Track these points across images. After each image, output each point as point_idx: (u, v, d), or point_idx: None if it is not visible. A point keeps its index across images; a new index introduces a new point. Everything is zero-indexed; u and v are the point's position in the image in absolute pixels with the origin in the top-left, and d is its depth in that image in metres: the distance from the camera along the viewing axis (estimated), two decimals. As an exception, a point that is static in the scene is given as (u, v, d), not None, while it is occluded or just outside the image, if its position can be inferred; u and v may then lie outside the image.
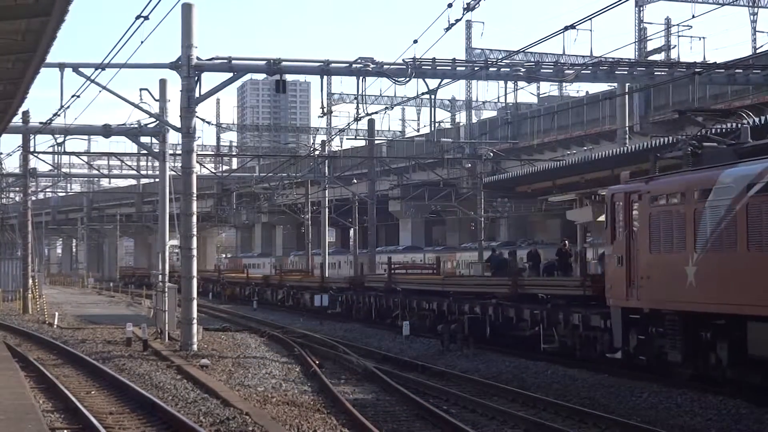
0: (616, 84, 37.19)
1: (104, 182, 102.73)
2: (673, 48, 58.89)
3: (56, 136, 37.33)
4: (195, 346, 25.95)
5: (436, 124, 41.90)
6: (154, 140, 37.65)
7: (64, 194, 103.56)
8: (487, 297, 27.64)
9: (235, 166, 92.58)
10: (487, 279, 32.25)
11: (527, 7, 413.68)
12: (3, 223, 79.38)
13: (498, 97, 75.68)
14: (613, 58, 29.72)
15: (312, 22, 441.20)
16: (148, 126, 34.83)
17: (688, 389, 17.72)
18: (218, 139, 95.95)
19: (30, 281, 46.02)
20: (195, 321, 26.52)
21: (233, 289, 60.38)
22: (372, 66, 26.43)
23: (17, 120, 33.03)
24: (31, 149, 41.70)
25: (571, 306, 22.93)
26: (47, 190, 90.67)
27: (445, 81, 27.17)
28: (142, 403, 16.90)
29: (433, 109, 30.67)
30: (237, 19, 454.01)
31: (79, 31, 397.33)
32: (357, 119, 32.59)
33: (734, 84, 33.86)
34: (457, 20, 21.47)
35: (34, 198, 68.83)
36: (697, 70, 28.46)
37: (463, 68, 28.02)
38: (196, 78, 25.92)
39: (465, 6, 20.71)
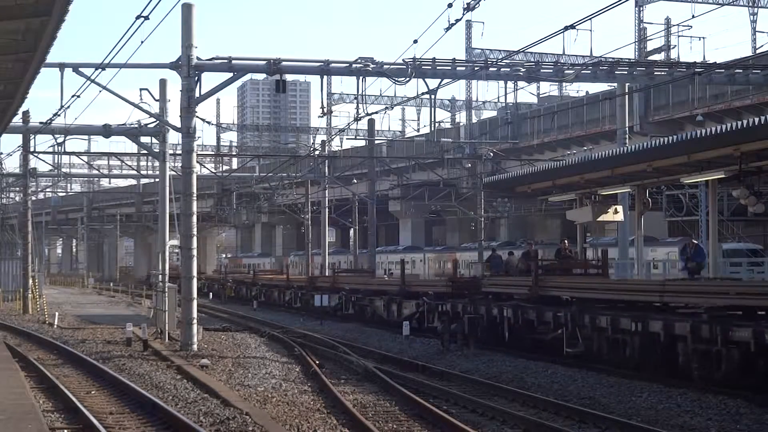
0: (616, 84, 37.16)
1: (104, 182, 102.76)
2: (673, 48, 58.87)
3: (56, 136, 37.36)
4: (195, 346, 25.97)
5: (436, 124, 41.89)
6: (154, 140, 37.65)
7: (64, 194, 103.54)
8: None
9: (235, 166, 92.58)
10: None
11: (527, 7, 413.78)
12: (3, 223, 79.42)
13: (498, 97, 75.75)
14: (613, 58, 29.71)
15: (312, 22, 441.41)
16: (148, 126, 34.86)
17: (688, 389, 17.74)
18: (218, 139, 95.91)
19: (30, 281, 46.01)
20: (195, 321, 26.54)
21: (271, 292, 53.26)
22: (372, 66, 26.43)
23: (17, 120, 33.05)
24: (31, 149, 41.70)
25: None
26: (47, 190, 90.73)
27: (445, 81, 27.17)
28: (142, 403, 16.91)
29: (433, 109, 30.66)
30: (237, 19, 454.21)
31: (79, 31, 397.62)
32: (357, 119, 32.57)
33: (734, 84, 33.88)
34: (457, 20, 21.50)
35: (34, 198, 68.81)
36: (697, 70, 28.47)
37: (463, 68, 28.03)
38: (196, 78, 25.94)
39: (465, 6, 20.73)
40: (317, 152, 60.84)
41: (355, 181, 64.64)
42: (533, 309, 24.72)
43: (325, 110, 33.70)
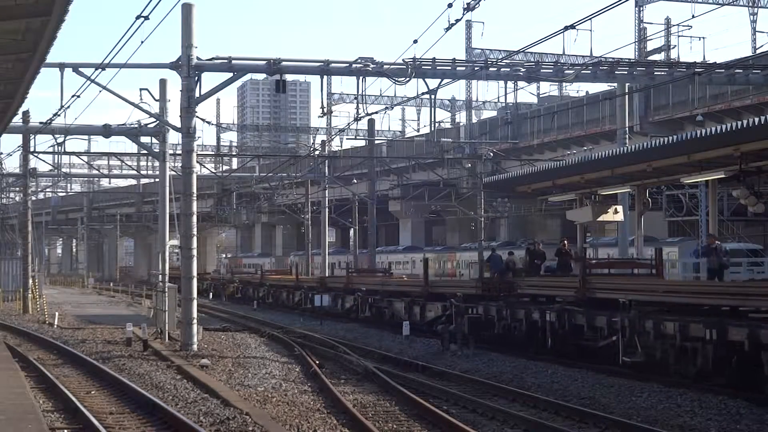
0: (616, 84, 37.16)
1: (104, 182, 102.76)
2: (673, 48, 58.84)
3: (56, 136, 37.35)
4: (195, 346, 25.96)
5: (436, 124, 41.89)
6: (154, 140, 37.67)
7: (64, 194, 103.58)
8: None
9: (235, 166, 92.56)
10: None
11: (527, 7, 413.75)
12: (3, 223, 79.44)
13: (498, 97, 75.73)
14: (613, 58, 29.70)
15: (312, 22, 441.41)
16: (148, 126, 34.86)
17: (688, 389, 17.74)
18: (218, 139, 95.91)
19: (30, 281, 46.02)
20: (195, 321, 26.53)
21: (279, 293, 51.66)
22: (372, 66, 26.43)
23: (17, 120, 33.05)
24: (31, 149, 41.71)
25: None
26: (47, 190, 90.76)
27: (445, 81, 27.17)
28: (142, 403, 16.90)
29: (433, 109, 30.65)
30: (237, 19, 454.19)
31: (79, 31, 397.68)
32: (357, 119, 32.59)
33: (734, 84, 33.87)
34: (457, 20, 21.51)
35: (34, 198, 68.78)
36: (697, 70, 28.47)
37: (463, 68, 28.02)
38: (196, 78, 25.93)
39: (465, 6, 20.73)
40: (317, 152, 60.88)
41: (355, 181, 64.63)
42: (582, 313, 22.52)
43: (325, 110, 33.70)
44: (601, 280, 24.13)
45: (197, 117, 26.69)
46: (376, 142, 66.25)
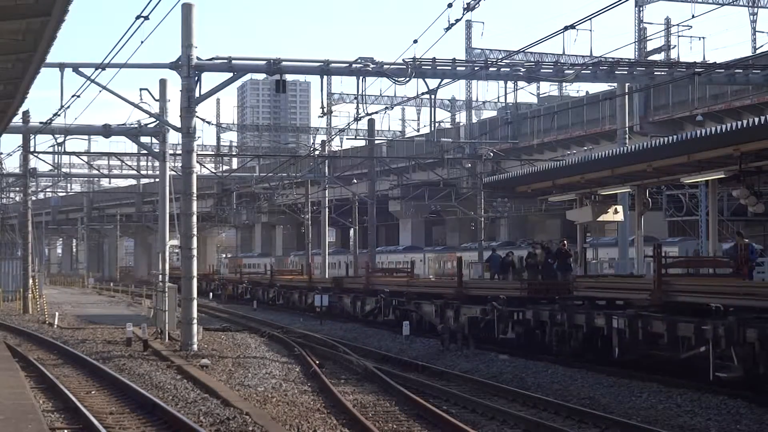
0: (616, 84, 37.16)
1: (104, 182, 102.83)
2: (673, 48, 58.86)
3: (56, 136, 37.36)
4: (195, 346, 25.97)
5: (436, 124, 41.83)
6: (154, 140, 37.68)
7: (64, 194, 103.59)
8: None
9: (235, 166, 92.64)
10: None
11: (527, 7, 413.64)
12: (3, 223, 79.39)
13: (498, 97, 75.73)
14: (613, 58, 29.72)
15: (312, 22, 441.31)
16: (148, 126, 34.86)
17: (687, 389, 17.73)
18: (218, 139, 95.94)
19: (30, 281, 46.03)
20: (195, 321, 26.53)
21: (290, 295, 49.31)
22: (372, 66, 26.44)
23: (17, 120, 33.04)
24: (31, 149, 41.71)
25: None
26: (47, 190, 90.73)
27: (445, 81, 27.18)
28: (142, 403, 16.90)
29: (433, 109, 30.67)
30: (237, 19, 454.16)
31: (79, 31, 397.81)
32: (357, 119, 32.62)
33: (734, 84, 33.89)
34: (457, 20, 21.52)
35: (34, 198, 68.76)
36: (697, 70, 28.49)
37: (463, 68, 28.03)
38: (196, 78, 25.93)
39: (465, 6, 20.74)
40: (317, 152, 60.89)
41: (355, 181, 64.65)
42: (662, 319, 19.53)
43: (325, 110, 33.71)
44: (683, 281, 21.28)
45: (197, 117, 26.71)
46: (376, 142, 66.25)
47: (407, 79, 26.52)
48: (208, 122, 38.11)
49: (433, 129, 35.25)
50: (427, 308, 31.40)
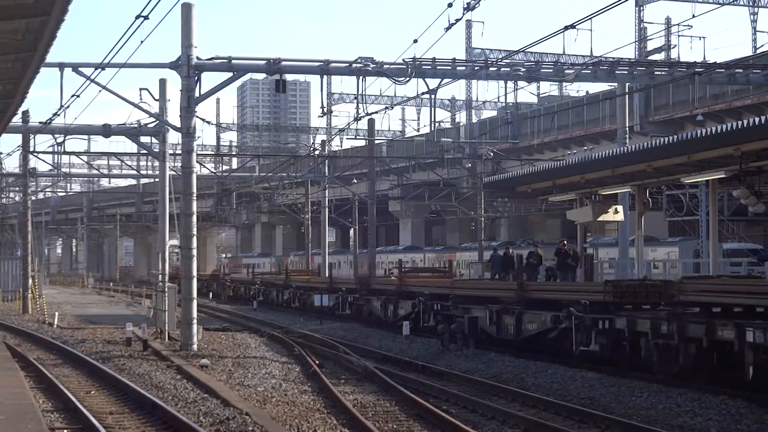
0: (616, 84, 37.16)
1: (104, 182, 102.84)
2: (673, 48, 58.81)
3: (56, 135, 37.36)
4: (195, 346, 25.96)
5: (436, 124, 41.81)
6: (154, 140, 37.65)
7: (64, 194, 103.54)
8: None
9: (235, 166, 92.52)
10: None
11: (527, 7, 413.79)
12: (3, 223, 79.42)
13: (498, 97, 75.64)
14: (613, 58, 29.70)
15: (312, 22, 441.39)
16: (148, 126, 34.86)
17: (687, 389, 17.72)
18: (218, 139, 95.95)
19: (30, 281, 46.01)
20: (195, 321, 26.53)
21: (307, 296, 45.48)
22: (372, 66, 26.43)
23: (17, 120, 33.04)
24: (31, 149, 41.69)
25: None
26: (47, 190, 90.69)
27: (445, 81, 27.17)
28: (142, 403, 16.89)
29: (433, 109, 30.66)
30: (237, 19, 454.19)
31: (79, 31, 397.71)
32: (357, 119, 32.62)
33: (734, 84, 33.89)
34: (457, 20, 21.50)
35: (34, 198, 68.82)
36: (697, 70, 28.47)
37: (463, 68, 28.02)
38: (196, 78, 25.93)
39: (465, 6, 20.73)
40: (317, 152, 60.85)
41: (355, 181, 64.61)
42: None
43: (325, 110, 33.72)
44: None
45: (197, 117, 26.71)
46: (376, 142, 66.23)
47: (407, 78, 26.51)
48: (208, 122, 38.03)
49: (433, 129, 35.24)
50: (479, 314, 27.15)
